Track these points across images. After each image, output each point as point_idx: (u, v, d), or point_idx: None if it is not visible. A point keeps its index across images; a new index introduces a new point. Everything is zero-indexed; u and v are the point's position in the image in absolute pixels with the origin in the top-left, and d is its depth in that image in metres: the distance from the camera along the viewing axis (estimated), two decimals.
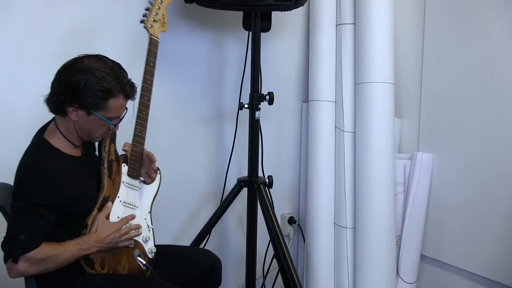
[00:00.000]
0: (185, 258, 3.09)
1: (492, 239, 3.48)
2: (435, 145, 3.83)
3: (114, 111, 2.57)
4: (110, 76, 2.50)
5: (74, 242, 2.49)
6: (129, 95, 2.60)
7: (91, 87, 2.45)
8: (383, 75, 3.71)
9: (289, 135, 4.40)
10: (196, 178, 4.03)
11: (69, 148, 2.61)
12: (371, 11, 3.70)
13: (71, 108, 2.49)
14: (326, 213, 4.05)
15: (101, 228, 2.59)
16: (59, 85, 2.50)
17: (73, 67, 2.49)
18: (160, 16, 2.85)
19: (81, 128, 2.57)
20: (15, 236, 2.33)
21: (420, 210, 3.85)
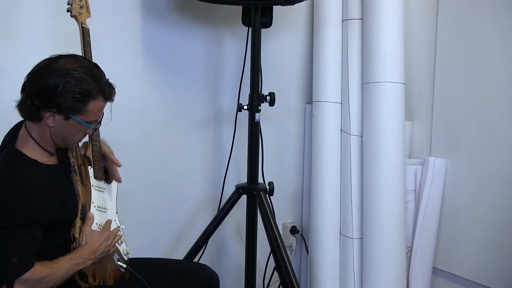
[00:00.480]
0: (180, 273, 3.01)
1: (510, 251, 3.41)
2: (449, 149, 3.76)
3: (93, 115, 2.46)
4: (89, 77, 2.39)
5: (68, 258, 2.44)
6: (108, 96, 2.49)
7: (69, 90, 2.34)
8: (393, 74, 3.62)
9: (291, 138, 4.31)
10: (192, 184, 3.97)
11: (44, 156, 2.50)
12: (380, 5, 3.61)
13: (48, 113, 2.37)
14: (331, 222, 3.95)
15: (91, 240, 2.54)
16: (34, 89, 2.38)
17: (48, 68, 2.38)
18: (84, 2, 2.76)
19: (57, 134, 2.46)
20: (5, 259, 2.22)
21: (432, 219, 3.78)
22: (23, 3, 3.20)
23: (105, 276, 2.64)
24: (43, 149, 2.47)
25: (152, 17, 3.59)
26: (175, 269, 3.04)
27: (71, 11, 2.68)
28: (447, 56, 3.72)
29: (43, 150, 2.47)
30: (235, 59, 3.92)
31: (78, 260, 2.44)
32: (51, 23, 3.23)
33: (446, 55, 3.73)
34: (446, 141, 3.75)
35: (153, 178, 3.71)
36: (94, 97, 2.40)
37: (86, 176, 2.67)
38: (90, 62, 2.49)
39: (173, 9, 3.68)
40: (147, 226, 3.45)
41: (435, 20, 3.76)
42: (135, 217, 2.77)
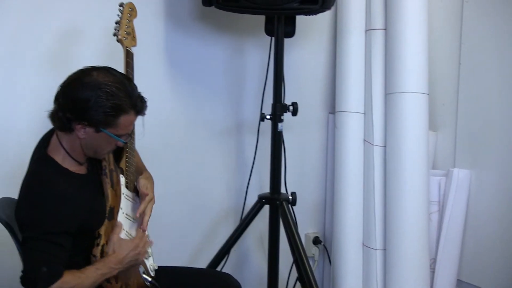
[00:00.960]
0: (202, 282, 3.01)
1: None
2: (473, 160, 3.74)
3: (124, 128, 2.46)
4: (121, 92, 2.38)
5: (94, 268, 2.43)
6: (139, 111, 2.49)
7: (101, 104, 2.33)
8: (416, 85, 3.61)
9: (314, 148, 4.28)
10: (214, 194, 3.97)
11: (74, 166, 2.50)
12: (404, 15, 3.60)
13: (78, 126, 2.38)
14: (354, 233, 3.93)
15: (118, 249, 2.52)
16: (66, 101, 2.38)
17: (81, 81, 2.38)
18: (131, 30, 2.79)
19: (87, 145, 2.47)
20: (35, 269, 2.26)
21: (456, 231, 3.77)
22: (76, 30, 3.27)
23: (128, 282, 2.63)
24: (73, 159, 2.48)
25: (175, 26, 3.60)
26: (199, 277, 3.04)
27: (117, 36, 2.71)
28: (471, 66, 3.69)
29: (72, 159, 2.48)
30: (257, 68, 3.88)
31: (105, 270, 2.43)
32: (99, 47, 3.28)
33: (470, 65, 3.70)
34: (470, 152, 3.73)
35: (175, 187, 3.70)
36: (125, 112, 2.40)
37: (117, 182, 2.67)
38: (123, 75, 2.49)
39: (195, 19, 3.67)
40: (170, 235, 3.43)
41: (459, 30, 3.74)
42: (159, 226, 2.76)
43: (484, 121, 3.64)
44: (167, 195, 3.54)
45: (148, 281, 2.70)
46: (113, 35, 2.72)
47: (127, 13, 2.76)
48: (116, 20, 2.73)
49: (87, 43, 3.30)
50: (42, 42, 3.20)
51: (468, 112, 3.74)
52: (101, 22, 3.23)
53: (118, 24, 2.73)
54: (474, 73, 3.69)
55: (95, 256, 2.46)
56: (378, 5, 3.75)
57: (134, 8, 2.82)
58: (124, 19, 2.74)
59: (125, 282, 2.61)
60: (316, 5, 3.16)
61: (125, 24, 2.74)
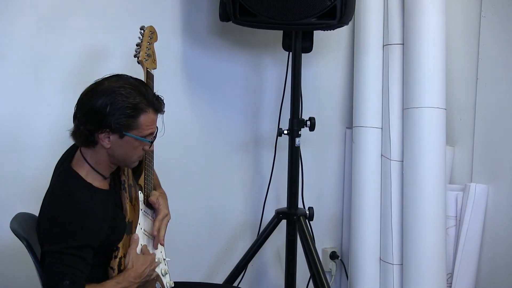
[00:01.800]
0: None
1: None
2: (490, 175, 3.71)
3: (146, 128, 2.44)
4: (135, 92, 2.38)
5: (115, 282, 2.41)
6: (158, 108, 2.47)
7: (118, 107, 2.33)
8: (434, 100, 3.59)
9: (331, 163, 4.26)
10: (231, 209, 3.96)
11: (98, 181, 2.49)
12: (421, 30, 3.58)
13: (102, 135, 2.37)
14: (371, 248, 3.91)
15: (137, 263, 2.50)
16: (84, 114, 2.38)
17: (94, 91, 2.38)
18: (151, 52, 2.82)
19: (115, 155, 2.45)
20: (58, 282, 2.25)
21: (473, 246, 3.73)
22: (98, 51, 3.30)
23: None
24: (97, 173, 2.47)
25: (193, 41, 3.61)
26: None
27: (138, 57, 2.73)
28: (489, 81, 3.67)
29: (97, 174, 2.47)
30: (275, 83, 3.89)
31: (125, 284, 2.42)
32: (120, 67, 3.27)
33: (487, 80, 3.68)
34: (488, 167, 3.71)
35: (193, 201, 3.71)
36: (144, 110, 2.39)
37: (136, 198, 2.66)
38: (135, 79, 2.48)
39: (213, 34, 3.68)
40: (187, 249, 3.43)
41: (477, 45, 3.72)
42: (176, 241, 2.76)
43: (501, 136, 3.62)
44: (185, 209, 3.55)
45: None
46: (134, 57, 2.74)
47: (148, 36, 2.79)
48: (137, 42, 2.76)
49: (109, 64, 3.32)
50: (66, 61, 3.24)
51: (485, 127, 3.72)
52: (123, 43, 3.27)
53: (139, 46, 2.76)
54: (491, 88, 3.67)
55: (113, 269, 2.45)
56: (396, 20, 3.74)
57: (154, 32, 2.86)
58: (145, 41, 2.77)
59: None
60: (334, 20, 3.14)
61: (146, 46, 2.76)
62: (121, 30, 3.35)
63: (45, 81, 3.20)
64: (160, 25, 3.39)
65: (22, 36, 3.15)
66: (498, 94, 3.63)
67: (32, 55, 3.17)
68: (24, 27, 3.14)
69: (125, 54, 3.01)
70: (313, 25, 3.20)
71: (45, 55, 3.19)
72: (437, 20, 3.57)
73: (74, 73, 3.18)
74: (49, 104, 3.17)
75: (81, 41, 3.27)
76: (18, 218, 2.54)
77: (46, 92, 3.20)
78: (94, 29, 3.29)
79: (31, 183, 3.06)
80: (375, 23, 3.83)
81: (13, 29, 3.12)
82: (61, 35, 3.22)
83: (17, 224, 2.47)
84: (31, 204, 2.58)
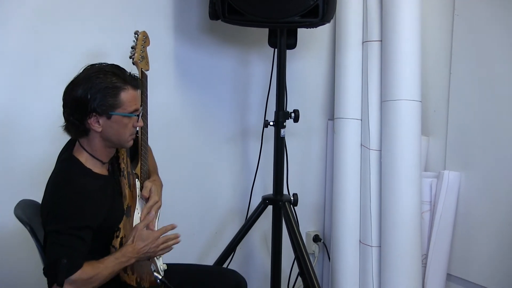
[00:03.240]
0: (210, 278, 3.02)
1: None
2: (462, 163, 3.75)
3: (130, 104, 2.48)
4: (109, 74, 2.44)
5: (113, 257, 2.45)
6: (135, 85, 2.51)
7: (97, 90, 2.39)
8: (410, 93, 3.62)
9: (314, 152, 4.29)
10: (221, 195, 3.97)
11: (97, 167, 2.53)
12: (398, 28, 3.61)
13: (91, 120, 2.42)
14: (351, 231, 3.94)
15: (138, 239, 2.52)
16: (70, 106, 2.44)
17: (73, 83, 2.45)
18: (145, 54, 2.86)
19: (109, 136, 2.48)
20: (56, 261, 2.27)
21: (446, 228, 3.77)
22: (97, 53, 3.28)
23: (142, 276, 2.64)
24: (96, 159, 2.51)
25: (184, 39, 3.61)
26: (206, 274, 3.05)
27: (133, 58, 2.76)
28: (461, 76, 3.70)
29: (96, 160, 2.51)
30: (261, 78, 3.91)
31: (123, 259, 2.45)
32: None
33: (460, 75, 3.71)
34: (460, 155, 3.74)
35: (185, 190, 3.72)
36: (122, 88, 2.43)
37: (134, 185, 2.71)
38: (108, 64, 2.53)
39: (203, 32, 3.69)
40: (180, 234, 3.45)
41: (450, 42, 3.74)
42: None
43: (472, 126, 3.65)
44: (178, 196, 3.56)
45: (159, 279, 2.69)
46: (129, 58, 2.76)
47: (142, 40, 2.83)
48: (132, 45, 2.79)
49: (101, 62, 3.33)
50: (61, 59, 3.23)
51: (458, 118, 3.75)
52: (117, 42, 3.25)
53: (134, 48, 2.79)
54: (463, 82, 3.69)
55: (115, 247, 2.50)
56: (374, 18, 3.75)
57: (147, 37, 2.89)
58: (139, 45, 2.80)
59: (140, 275, 2.63)
60: (316, 18, 3.16)
61: (140, 49, 2.80)
62: (115, 30, 3.35)
63: (45, 77, 3.19)
64: (153, 24, 3.43)
65: (21, 35, 3.16)
66: (469, 87, 3.65)
67: (32, 53, 3.17)
68: (19, 26, 3.14)
69: (118, 52, 3.02)
70: (297, 23, 3.21)
71: (42, 54, 3.19)
72: (413, 18, 3.58)
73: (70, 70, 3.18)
74: (48, 98, 3.14)
75: (74, 40, 3.26)
76: (22, 205, 2.56)
77: (46, 86, 3.19)
78: (87, 28, 3.31)
79: (34, 171, 3.06)
80: (355, 21, 3.84)
81: (8, 29, 3.12)
82: (67, 39, 3.24)
83: (20, 210, 2.49)
84: (34, 191, 2.60)
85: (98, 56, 3.24)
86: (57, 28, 3.22)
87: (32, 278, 3.06)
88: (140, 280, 2.62)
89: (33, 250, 2.44)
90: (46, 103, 3.18)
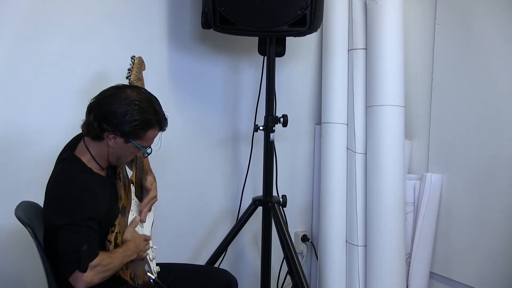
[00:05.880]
0: (202, 277, 3.03)
1: (502, 257, 3.42)
2: (444, 166, 3.75)
3: (148, 141, 2.56)
4: (151, 108, 2.49)
5: (122, 250, 2.51)
6: (163, 127, 2.59)
7: (134, 118, 2.43)
8: (394, 99, 3.64)
9: (302, 156, 4.28)
10: (213, 197, 3.96)
11: (97, 169, 2.56)
12: (382, 37, 3.63)
13: (111, 135, 2.45)
14: (338, 231, 3.94)
15: (136, 236, 2.61)
16: (102, 114, 2.44)
17: (118, 97, 2.45)
18: (141, 77, 2.88)
19: (114, 153, 2.54)
20: (76, 249, 2.30)
21: (429, 228, 3.78)
22: (101, 72, 3.31)
23: (136, 273, 2.66)
24: (96, 163, 2.53)
25: (177, 47, 3.60)
26: (198, 273, 3.05)
27: (129, 78, 2.76)
28: (443, 82, 3.71)
29: (96, 163, 2.53)
30: (251, 84, 3.92)
31: (128, 252, 2.51)
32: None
33: (441, 81, 3.72)
34: (442, 158, 3.75)
35: (177, 191, 3.70)
36: (153, 127, 2.50)
37: (129, 188, 2.74)
38: (150, 94, 2.56)
39: (196, 40, 3.68)
40: (173, 235, 3.41)
41: (432, 50, 3.76)
42: (162, 227, 2.76)
43: (454, 131, 3.66)
44: (170, 199, 3.53)
45: (152, 279, 2.73)
46: (126, 78, 2.77)
47: (138, 64, 2.83)
48: (128, 68, 2.79)
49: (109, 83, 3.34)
50: (67, 65, 3.23)
51: (440, 123, 3.76)
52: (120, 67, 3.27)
53: (130, 71, 2.79)
54: (445, 88, 3.70)
55: (110, 241, 2.51)
56: (360, 27, 3.76)
57: (143, 62, 2.89)
58: (135, 68, 2.81)
59: (134, 272, 2.64)
60: (304, 27, 3.17)
61: (136, 71, 2.80)
62: (110, 39, 3.36)
63: (48, 79, 3.18)
64: (148, 33, 3.44)
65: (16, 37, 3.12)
66: (451, 93, 3.66)
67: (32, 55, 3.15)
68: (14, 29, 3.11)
69: (113, 63, 3.03)
70: (285, 32, 3.21)
71: (43, 57, 3.17)
72: (396, 27, 3.60)
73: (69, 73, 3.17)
74: (49, 101, 3.16)
75: (71, 46, 3.25)
76: (22, 206, 2.56)
77: (48, 89, 3.18)
78: (83, 35, 3.29)
79: (34, 173, 3.05)
80: (341, 30, 3.85)
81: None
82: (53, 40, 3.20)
83: (21, 212, 2.48)
84: (34, 193, 2.61)
85: (93, 63, 3.27)
86: (57, 37, 3.20)
87: (32, 278, 3.08)
88: (134, 276, 2.63)
89: (34, 250, 2.44)
90: (47, 106, 3.19)
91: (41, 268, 2.42)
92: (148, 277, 2.72)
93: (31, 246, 2.43)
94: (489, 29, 3.44)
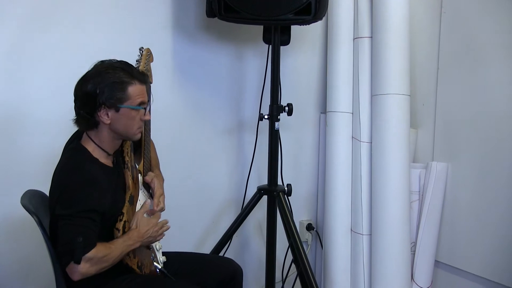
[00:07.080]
0: (207, 266, 3.02)
1: (507, 246, 3.40)
2: (449, 155, 3.73)
3: (137, 97, 2.51)
4: (118, 70, 2.48)
5: (122, 240, 2.50)
6: (142, 80, 2.55)
7: (107, 84, 2.44)
8: (399, 87, 3.62)
9: (307, 145, 4.29)
10: (218, 186, 3.97)
11: (103, 158, 2.56)
12: (388, 24, 3.60)
13: (100, 112, 2.46)
14: (343, 220, 3.93)
15: (141, 224, 2.59)
16: (80, 100, 2.48)
17: (84, 78, 2.48)
18: (149, 68, 2.87)
19: (117, 128, 2.52)
20: (72, 240, 2.29)
21: (434, 217, 3.75)
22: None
23: (144, 261, 2.67)
24: (102, 150, 2.54)
25: (182, 35, 3.61)
26: (203, 262, 3.04)
27: (138, 67, 2.75)
28: (448, 70, 3.69)
29: (102, 151, 2.54)
30: (256, 73, 3.92)
31: (129, 242, 2.50)
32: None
33: (447, 69, 3.70)
34: (447, 147, 3.73)
35: (183, 181, 3.72)
36: (130, 83, 2.47)
37: (137, 178, 2.73)
38: (117, 61, 2.55)
39: (200, 29, 3.69)
40: (179, 223, 3.42)
41: (438, 38, 3.74)
42: (169, 216, 2.77)
43: (459, 119, 3.63)
44: (176, 187, 3.53)
45: (158, 268, 2.74)
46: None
47: (146, 55, 2.82)
48: (137, 59, 2.79)
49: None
50: (71, 56, 3.24)
51: (445, 112, 3.74)
52: (116, 42, 3.32)
53: (138, 62, 2.79)
54: (450, 76, 3.68)
55: (118, 230, 2.51)
56: (365, 15, 3.75)
57: (151, 54, 2.88)
58: (144, 59, 2.80)
59: (141, 261, 2.65)
60: (309, 16, 3.16)
61: (144, 62, 2.80)
62: (115, 29, 3.37)
63: (51, 70, 3.21)
64: (152, 22, 3.44)
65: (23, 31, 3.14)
66: (456, 82, 3.64)
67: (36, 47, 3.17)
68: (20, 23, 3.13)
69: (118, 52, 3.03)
70: (290, 20, 3.20)
71: (47, 49, 3.19)
72: (401, 15, 3.57)
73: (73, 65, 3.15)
74: (54, 91, 3.18)
75: (76, 37, 3.26)
76: (28, 194, 2.57)
77: (52, 80, 3.21)
78: (88, 26, 3.30)
79: (40, 162, 3.07)
80: (346, 18, 3.84)
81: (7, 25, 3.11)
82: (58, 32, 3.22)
83: (27, 200, 2.49)
84: (40, 181, 2.62)
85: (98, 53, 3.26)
86: (61, 27, 3.21)
87: (39, 265, 3.09)
88: (141, 265, 2.63)
89: (40, 238, 2.44)
90: (51, 96, 3.21)
91: (47, 256, 2.42)
92: (154, 266, 2.74)
93: (38, 234, 2.43)
94: (496, 16, 3.42)
